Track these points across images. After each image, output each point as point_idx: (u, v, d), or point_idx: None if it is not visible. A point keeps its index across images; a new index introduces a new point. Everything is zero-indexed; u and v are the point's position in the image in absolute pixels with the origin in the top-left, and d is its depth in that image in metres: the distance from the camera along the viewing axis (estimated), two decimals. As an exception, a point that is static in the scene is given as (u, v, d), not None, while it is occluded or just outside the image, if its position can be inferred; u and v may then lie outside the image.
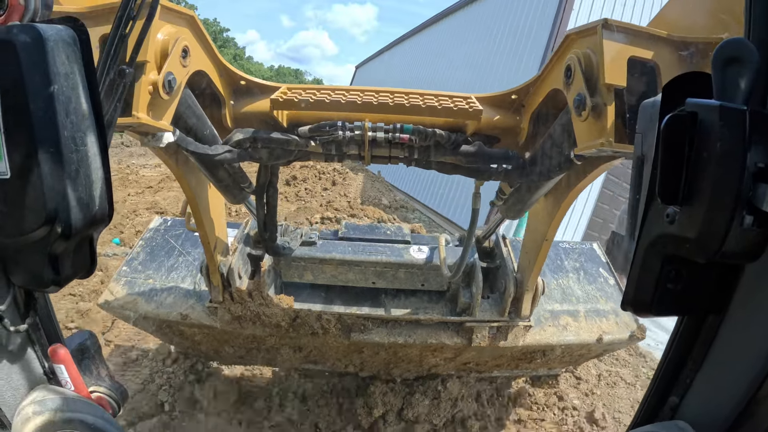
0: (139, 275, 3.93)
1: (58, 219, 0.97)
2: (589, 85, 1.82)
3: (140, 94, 1.78)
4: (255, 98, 2.41)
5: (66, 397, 1.13)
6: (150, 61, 1.78)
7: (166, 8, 1.83)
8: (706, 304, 0.92)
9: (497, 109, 2.44)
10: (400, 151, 2.45)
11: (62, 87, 0.96)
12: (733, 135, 0.75)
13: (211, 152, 2.29)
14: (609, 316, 3.96)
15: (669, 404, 1.02)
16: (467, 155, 2.41)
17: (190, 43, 2.01)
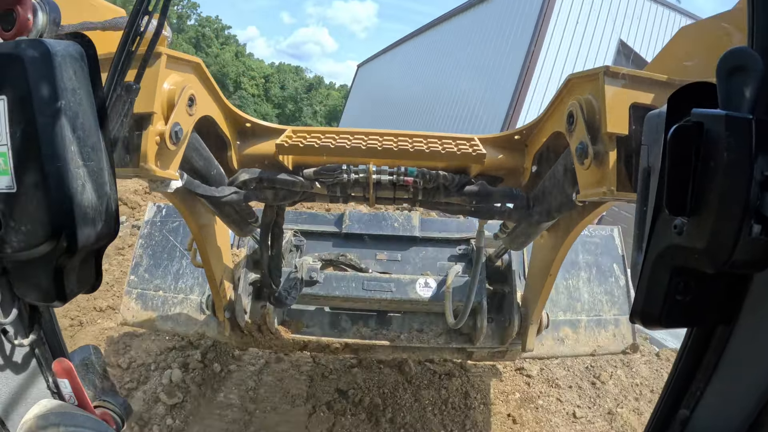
0: (148, 286, 3.97)
1: (63, 234, 0.97)
2: (591, 133, 1.82)
3: (148, 145, 1.79)
4: (260, 139, 2.45)
5: (69, 411, 1.13)
6: (157, 112, 1.79)
7: (172, 57, 1.86)
8: (715, 315, 0.91)
9: (500, 149, 2.47)
10: (405, 192, 2.48)
11: (69, 102, 0.96)
12: (740, 144, 0.76)
13: (218, 194, 2.31)
14: (609, 327, 3.96)
15: (679, 417, 1.02)
16: (471, 196, 2.43)
17: (197, 89, 2.02)
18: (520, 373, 5.92)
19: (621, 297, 4.10)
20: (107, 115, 1.12)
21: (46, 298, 1.06)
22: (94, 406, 1.32)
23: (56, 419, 1.08)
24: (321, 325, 3.63)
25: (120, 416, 1.39)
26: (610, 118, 1.76)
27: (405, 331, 3.61)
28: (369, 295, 3.41)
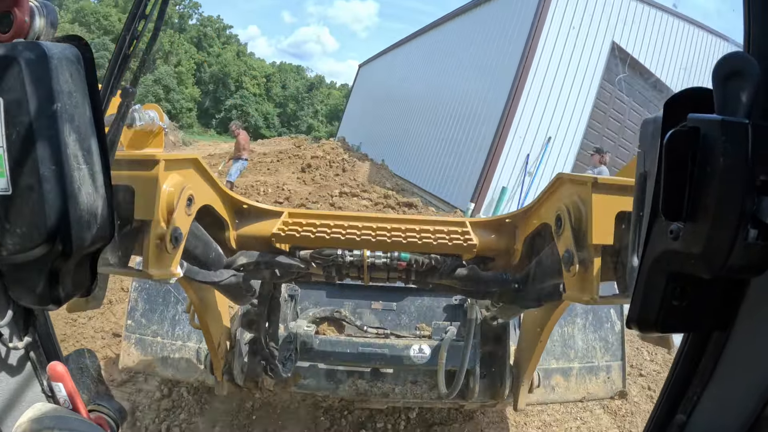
0: (146, 331, 3.98)
1: (59, 237, 0.97)
2: (577, 242, 1.89)
3: (150, 251, 1.85)
4: (257, 220, 2.51)
5: (64, 415, 1.13)
6: (156, 218, 1.83)
7: (169, 161, 1.90)
8: (711, 321, 0.92)
9: (491, 231, 2.54)
10: (398, 274, 2.55)
11: (65, 105, 0.96)
12: (736, 149, 0.76)
13: (216, 279, 2.37)
14: (600, 374, 3.97)
15: (676, 422, 1.02)
16: (462, 279, 2.50)
17: (194, 184, 2.08)
18: None
19: (615, 343, 4.12)
20: (103, 118, 1.11)
21: (40, 302, 1.05)
22: (89, 410, 1.32)
23: (50, 423, 1.07)
24: (317, 378, 3.63)
25: (114, 420, 1.39)
26: (596, 230, 1.84)
27: (399, 383, 3.64)
28: (362, 361, 3.45)
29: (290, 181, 16.51)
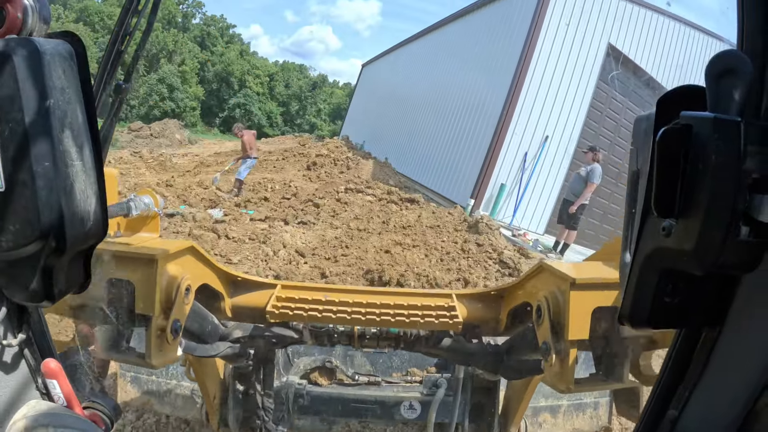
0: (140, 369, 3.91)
1: (52, 234, 0.96)
2: (554, 334, 1.93)
3: (152, 342, 1.89)
4: (251, 290, 2.56)
5: (58, 412, 1.11)
6: (157, 313, 1.87)
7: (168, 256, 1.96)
8: (703, 317, 0.91)
9: (478, 303, 2.58)
10: (387, 342, 2.65)
11: (58, 101, 0.95)
12: (728, 146, 0.75)
13: (213, 352, 2.43)
14: (587, 410, 3.98)
15: (668, 418, 1.01)
16: (447, 350, 2.61)
17: (192, 271, 2.13)
18: None
19: None
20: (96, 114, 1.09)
21: (34, 299, 1.03)
22: (83, 407, 1.31)
23: (45, 420, 1.06)
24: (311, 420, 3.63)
25: (109, 417, 1.38)
26: (573, 327, 1.87)
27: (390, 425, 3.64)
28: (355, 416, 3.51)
29: (296, 178, 17.34)
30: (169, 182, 15.30)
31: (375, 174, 19.48)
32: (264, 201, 13.82)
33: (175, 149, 26.20)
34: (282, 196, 14.37)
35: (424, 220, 11.69)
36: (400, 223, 11.45)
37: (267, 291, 2.53)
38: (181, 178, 17.02)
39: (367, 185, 15.42)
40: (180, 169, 19.98)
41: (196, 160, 22.31)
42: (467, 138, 18.53)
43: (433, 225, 11.36)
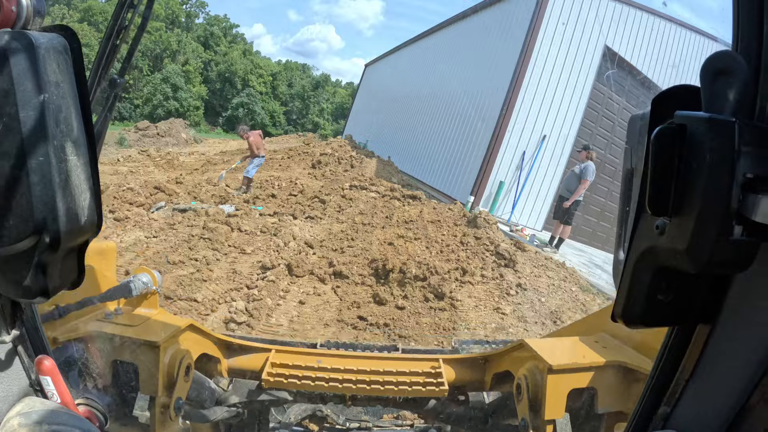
0: None
1: (46, 229, 0.95)
2: (532, 412, 2.06)
3: (156, 419, 1.97)
4: (246, 353, 2.63)
5: (52, 409, 1.10)
6: (160, 393, 1.97)
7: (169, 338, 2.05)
8: (696, 315, 0.91)
9: (465, 367, 2.66)
10: (378, 402, 2.74)
11: (52, 96, 0.94)
12: (722, 146, 0.75)
13: (211, 417, 2.50)
14: None
15: (660, 414, 1.02)
16: (433, 413, 2.74)
17: (191, 345, 2.25)
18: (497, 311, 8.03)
19: None
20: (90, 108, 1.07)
21: (28, 295, 1.02)
22: (77, 404, 1.30)
23: (39, 417, 1.05)
24: None
25: (103, 414, 1.37)
26: (549, 407, 2.00)
27: None
28: None
29: (302, 176, 17.85)
30: (179, 179, 15.71)
31: (378, 172, 20.14)
32: (271, 198, 14.25)
33: (182, 148, 26.70)
34: (289, 192, 14.76)
35: (426, 216, 12.33)
36: (402, 218, 12.13)
37: (262, 354, 2.61)
38: (190, 176, 17.44)
39: (371, 182, 16.05)
40: (188, 167, 20.38)
41: (203, 159, 22.65)
42: (467, 137, 19.04)
43: (434, 220, 12.00)
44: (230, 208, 12.37)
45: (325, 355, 2.65)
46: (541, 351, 2.14)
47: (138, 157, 21.30)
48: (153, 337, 1.99)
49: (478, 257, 9.86)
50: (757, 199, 0.74)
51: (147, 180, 14.94)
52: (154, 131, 28.45)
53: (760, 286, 0.81)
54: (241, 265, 8.97)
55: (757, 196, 0.74)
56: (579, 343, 2.25)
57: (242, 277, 8.42)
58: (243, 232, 10.37)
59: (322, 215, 12.38)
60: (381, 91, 35.66)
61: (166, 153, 23.12)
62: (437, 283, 8.35)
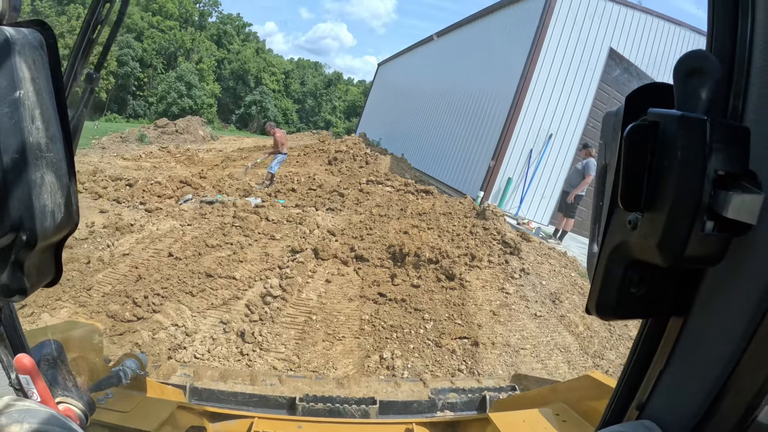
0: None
1: (22, 227, 0.94)
2: None
3: None
4: (228, 419, 2.70)
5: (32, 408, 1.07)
6: None
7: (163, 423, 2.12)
8: (669, 307, 0.92)
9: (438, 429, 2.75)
10: None
11: (28, 92, 0.93)
12: (694, 144, 0.76)
13: None
14: None
15: (635, 404, 1.03)
16: None
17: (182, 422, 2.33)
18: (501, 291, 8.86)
19: None
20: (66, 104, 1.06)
21: (5, 293, 1.00)
22: (57, 402, 1.31)
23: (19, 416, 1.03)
24: None
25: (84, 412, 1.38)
26: None
27: None
28: None
29: (319, 172, 18.36)
30: (202, 174, 16.27)
31: (392, 168, 20.45)
32: (292, 192, 14.88)
33: (200, 145, 27.25)
34: (308, 187, 15.40)
35: (438, 208, 12.74)
36: (416, 210, 12.56)
37: (246, 421, 2.67)
38: (211, 171, 18.00)
39: (386, 178, 16.67)
40: (207, 163, 20.86)
41: (221, 155, 23.12)
42: (478, 135, 19.47)
43: (446, 212, 12.52)
44: (256, 200, 12.97)
45: (305, 421, 2.73)
46: (503, 427, 2.30)
47: (159, 154, 21.63)
48: (145, 426, 2.05)
49: (485, 245, 10.41)
50: (728, 196, 0.75)
51: (171, 175, 15.54)
52: (172, 128, 28.89)
53: (731, 280, 0.82)
54: (272, 249, 9.69)
55: (728, 192, 0.75)
56: (540, 416, 2.34)
57: (274, 259, 9.14)
58: (270, 221, 11.02)
59: (341, 207, 13.04)
60: (394, 91, 36.08)
61: (185, 149, 23.65)
62: (448, 266, 8.98)
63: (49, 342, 1.40)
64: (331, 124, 71.91)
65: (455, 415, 2.98)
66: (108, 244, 9.25)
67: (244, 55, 67.52)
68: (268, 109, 65.74)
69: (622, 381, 1.08)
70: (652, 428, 0.95)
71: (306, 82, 75.68)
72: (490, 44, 20.46)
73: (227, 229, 10.14)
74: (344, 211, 12.64)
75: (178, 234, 10.01)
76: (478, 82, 20.84)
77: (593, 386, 2.30)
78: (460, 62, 23.67)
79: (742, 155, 0.78)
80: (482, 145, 18.61)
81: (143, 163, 19.38)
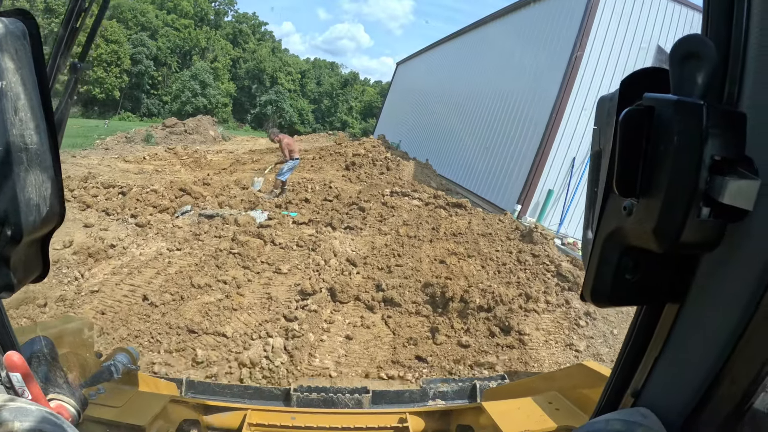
0: None
1: (7, 221, 0.94)
2: None
3: None
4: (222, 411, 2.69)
5: (23, 406, 1.07)
6: None
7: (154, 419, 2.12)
8: (664, 294, 0.92)
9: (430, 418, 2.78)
10: None
11: (11, 83, 0.92)
12: (690, 129, 0.76)
13: None
14: None
15: (630, 391, 1.04)
16: None
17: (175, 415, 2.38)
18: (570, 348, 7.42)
19: None
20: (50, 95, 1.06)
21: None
22: (49, 399, 1.29)
23: (9, 414, 1.02)
24: None
25: (76, 409, 1.36)
26: None
27: None
28: None
29: (336, 178, 16.84)
30: (206, 180, 15.13)
31: (416, 175, 19.14)
32: (305, 202, 13.41)
33: (209, 146, 26.14)
34: (323, 197, 13.91)
35: (475, 227, 11.28)
36: (450, 229, 11.06)
37: (239, 413, 2.67)
38: (218, 176, 16.87)
39: (412, 188, 14.99)
40: (215, 166, 19.83)
41: (231, 158, 22.12)
42: (513, 142, 18.11)
43: (485, 232, 10.95)
44: (262, 215, 11.73)
45: (299, 412, 2.74)
46: (497, 416, 2.27)
47: (164, 155, 20.98)
48: (137, 420, 2.04)
49: (539, 279, 8.97)
50: (724, 181, 0.74)
51: (173, 180, 14.66)
52: (181, 128, 28.02)
53: (727, 266, 0.82)
54: (277, 288, 8.26)
55: (724, 178, 0.75)
56: (533, 404, 2.33)
57: (278, 305, 7.67)
58: (277, 245, 9.64)
59: (362, 225, 11.38)
60: (414, 90, 34.82)
61: (193, 151, 22.84)
62: (503, 315, 7.51)
63: (40, 339, 1.38)
64: (348, 124, 71.02)
65: (447, 404, 3.02)
66: (77, 276, 8.07)
67: (259, 55, 67.11)
68: (284, 109, 65.53)
69: (617, 368, 1.09)
70: (647, 415, 0.95)
71: (322, 82, 74.96)
72: (527, 41, 19.67)
73: (223, 258, 8.88)
74: (366, 231, 10.79)
75: (163, 263, 8.89)
76: (514, 81, 19.53)
77: (586, 375, 2.31)
78: (489, 60, 22.74)
79: (738, 141, 0.78)
80: (519, 152, 17.18)
81: (146, 165, 18.68)
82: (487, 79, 22.20)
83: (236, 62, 65.98)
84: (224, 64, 63.41)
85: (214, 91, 58.86)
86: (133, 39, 54.75)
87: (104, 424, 1.97)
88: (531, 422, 2.18)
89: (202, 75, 57.82)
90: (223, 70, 62.60)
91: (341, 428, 2.62)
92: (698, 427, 0.88)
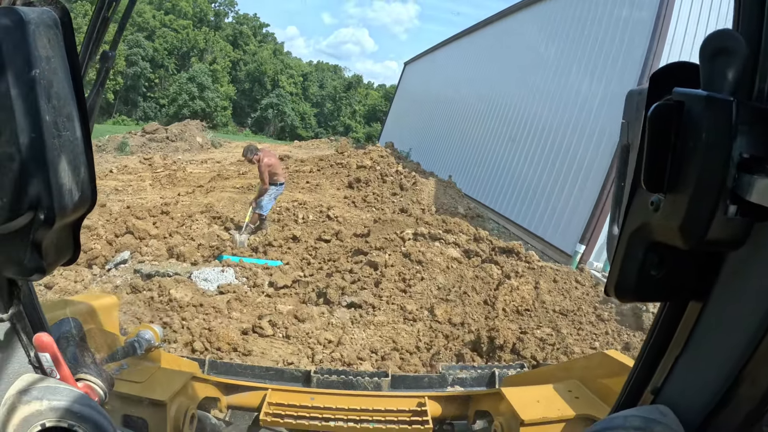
0: None
1: (40, 206, 0.93)
2: None
3: None
4: (243, 391, 2.67)
5: (51, 386, 1.10)
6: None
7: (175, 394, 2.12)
8: (688, 291, 0.91)
9: (449, 403, 2.72)
10: None
11: (44, 71, 0.91)
12: (719, 125, 0.74)
13: None
14: None
15: (651, 388, 1.02)
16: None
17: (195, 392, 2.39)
18: None
19: None
20: (83, 83, 1.05)
21: (24, 272, 1.00)
22: (76, 379, 1.31)
23: (39, 394, 1.05)
24: None
25: (102, 389, 1.38)
26: None
27: None
28: None
29: (336, 201, 14.15)
30: (166, 207, 11.83)
31: (438, 198, 15.60)
32: (292, 242, 10.02)
33: (195, 154, 23.73)
34: (319, 234, 10.48)
35: (546, 296, 7.28)
36: (511, 302, 7.03)
37: (259, 392, 2.65)
38: (188, 198, 13.98)
39: (444, 227, 10.59)
40: (192, 181, 16.95)
41: (214, 170, 19.40)
42: (571, 163, 14.23)
43: (563, 308, 6.84)
44: (221, 276, 8.15)
45: (319, 393, 2.76)
46: (516, 402, 2.24)
47: (136, 168, 18.83)
48: (159, 395, 2.07)
49: None
50: (752, 179, 0.73)
51: (130, 205, 12.26)
52: (163, 135, 25.34)
53: (752, 265, 0.80)
54: None
55: (752, 176, 0.73)
56: (553, 392, 2.30)
57: None
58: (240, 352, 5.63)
59: (374, 297, 7.43)
60: (425, 93, 32.04)
61: (172, 162, 20.62)
62: None
63: (68, 320, 1.41)
64: (351, 128, 70.04)
65: (466, 390, 2.98)
66: None
67: (260, 57, 66.01)
68: (285, 113, 64.15)
69: (638, 364, 1.07)
70: (666, 413, 0.94)
71: (325, 85, 73.83)
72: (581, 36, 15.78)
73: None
74: (382, 309, 6.75)
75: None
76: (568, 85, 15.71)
77: (608, 364, 2.27)
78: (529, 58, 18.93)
79: (767, 139, 0.77)
80: (582, 171, 13.40)
81: (108, 182, 15.76)
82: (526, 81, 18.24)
83: (236, 64, 65.12)
84: (224, 66, 62.54)
85: (213, 94, 57.72)
86: (129, 40, 53.53)
87: (126, 399, 2.00)
88: (550, 410, 2.15)
89: (201, 77, 56.66)
90: (222, 73, 61.56)
91: (360, 410, 2.61)
92: (717, 427, 0.86)
